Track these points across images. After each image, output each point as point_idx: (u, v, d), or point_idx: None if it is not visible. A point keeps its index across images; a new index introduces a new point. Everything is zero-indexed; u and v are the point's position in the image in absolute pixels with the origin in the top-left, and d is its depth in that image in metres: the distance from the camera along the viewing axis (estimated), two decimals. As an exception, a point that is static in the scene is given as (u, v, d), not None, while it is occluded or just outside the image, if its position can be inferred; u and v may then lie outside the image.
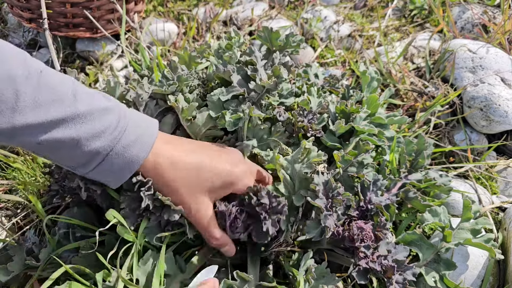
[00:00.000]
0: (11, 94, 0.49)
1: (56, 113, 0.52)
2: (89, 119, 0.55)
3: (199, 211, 0.64)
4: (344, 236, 0.67)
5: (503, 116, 0.97)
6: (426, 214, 0.76)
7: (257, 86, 0.72)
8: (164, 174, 0.61)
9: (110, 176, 0.59)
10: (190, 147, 0.66)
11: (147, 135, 0.60)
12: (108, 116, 0.57)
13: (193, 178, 0.62)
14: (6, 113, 0.49)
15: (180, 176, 0.62)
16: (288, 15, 1.47)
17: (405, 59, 1.28)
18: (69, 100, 0.54)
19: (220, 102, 0.73)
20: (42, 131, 0.52)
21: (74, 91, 0.55)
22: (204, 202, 0.64)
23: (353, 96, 0.88)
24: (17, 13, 1.16)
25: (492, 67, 1.05)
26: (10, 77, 0.48)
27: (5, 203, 0.88)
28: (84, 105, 0.55)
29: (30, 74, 0.51)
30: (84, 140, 0.54)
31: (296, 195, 0.65)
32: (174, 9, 1.46)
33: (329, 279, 0.64)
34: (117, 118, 0.58)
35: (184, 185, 0.62)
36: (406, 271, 0.66)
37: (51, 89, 0.53)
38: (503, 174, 0.98)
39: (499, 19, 1.28)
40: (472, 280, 0.73)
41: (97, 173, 0.58)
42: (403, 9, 1.51)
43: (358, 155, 0.74)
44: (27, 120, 0.50)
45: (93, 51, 1.21)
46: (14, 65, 0.49)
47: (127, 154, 0.58)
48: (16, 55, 0.51)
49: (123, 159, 0.58)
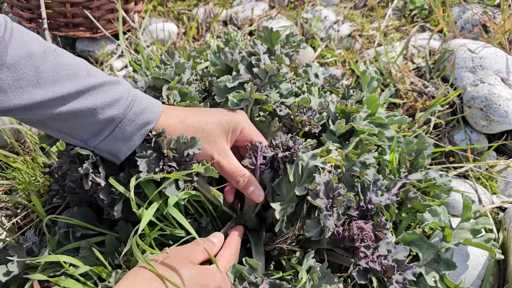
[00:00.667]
0: (32, 71, 0.54)
1: (74, 86, 0.57)
2: (104, 89, 0.61)
3: (220, 154, 0.67)
4: (344, 236, 0.67)
5: (503, 116, 0.97)
6: (426, 214, 0.76)
7: (260, 71, 0.75)
8: (176, 131, 0.66)
9: (121, 144, 0.63)
10: (194, 111, 0.71)
11: (154, 104, 0.66)
12: (119, 87, 0.63)
13: (204, 126, 0.67)
14: (28, 89, 0.54)
15: (191, 129, 0.66)
16: (288, 15, 1.47)
17: (405, 59, 1.28)
18: (84, 75, 0.59)
19: (226, 88, 0.78)
20: (61, 103, 0.57)
21: (87, 67, 0.61)
22: (221, 144, 0.68)
23: (353, 96, 0.88)
24: (17, 13, 1.16)
25: (492, 67, 1.05)
26: (29, 55, 0.53)
27: (5, 203, 0.87)
28: (98, 78, 0.61)
29: (46, 52, 0.56)
30: (100, 109, 0.59)
31: (300, 186, 0.65)
32: (174, 9, 1.45)
33: (330, 279, 0.64)
34: (127, 90, 0.64)
35: (198, 132, 0.67)
36: (406, 270, 0.66)
37: (67, 66, 0.58)
38: (503, 174, 0.98)
39: (499, 19, 1.28)
40: (472, 280, 0.73)
41: (109, 142, 0.63)
42: (403, 9, 1.51)
43: (361, 155, 0.75)
44: (47, 95, 0.55)
45: (93, 51, 1.21)
46: (31, 44, 0.54)
47: (138, 120, 0.63)
48: (30, 35, 0.56)
49: (135, 125, 0.63)
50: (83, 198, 0.74)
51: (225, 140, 0.69)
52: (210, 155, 0.67)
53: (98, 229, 0.72)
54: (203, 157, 0.67)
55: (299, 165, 0.66)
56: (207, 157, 0.67)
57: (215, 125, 0.68)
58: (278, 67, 0.74)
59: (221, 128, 0.68)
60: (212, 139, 0.67)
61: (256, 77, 0.76)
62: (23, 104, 0.54)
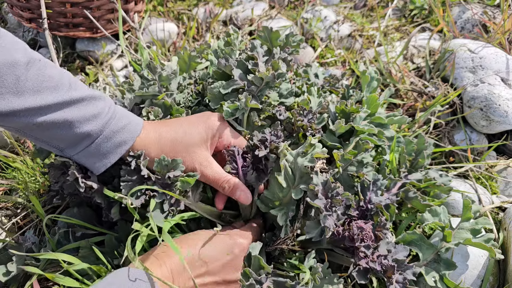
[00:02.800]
0: (13, 79, 0.54)
1: (54, 98, 0.57)
2: (83, 104, 0.61)
3: (202, 163, 0.67)
4: (344, 236, 0.67)
5: (503, 116, 0.97)
6: (426, 214, 0.76)
7: (255, 78, 0.73)
8: (155, 148, 0.66)
9: (96, 159, 0.63)
10: (171, 123, 0.70)
11: (134, 123, 0.65)
12: (100, 103, 0.63)
13: (182, 139, 0.67)
14: (6, 97, 0.54)
15: (170, 143, 0.66)
16: (288, 15, 1.47)
17: (405, 59, 1.28)
18: (65, 88, 0.59)
19: (221, 95, 0.75)
20: (40, 114, 0.57)
21: (70, 81, 0.61)
22: (202, 153, 0.68)
23: (353, 96, 0.88)
24: (17, 13, 1.16)
25: (492, 67, 1.05)
26: (12, 63, 0.53)
27: (5, 203, 0.87)
28: (79, 92, 0.61)
29: (29, 62, 0.56)
30: (77, 123, 0.60)
31: (296, 189, 0.65)
32: (174, 9, 1.45)
33: (331, 279, 0.64)
34: (108, 106, 0.63)
35: (177, 145, 0.66)
36: (406, 270, 0.66)
37: (50, 77, 0.58)
38: (503, 174, 0.97)
39: (499, 19, 1.28)
40: (472, 280, 0.73)
41: (84, 156, 0.63)
42: (403, 9, 1.51)
43: (358, 154, 0.74)
44: (25, 104, 0.55)
45: (93, 51, 1.21)
46: (16, 52, 0.54)
47: (115, 138, 0.63)
48: (17, 44, 0.56)
49: (111, 143, 0.63)
50: (83, 198, 0.74)
51: (205, 148, 0.68)
52: (192, 167, 0.67)
53: (98, 229, 0.72)
54: (187, 169, 0.67)
55: (287, 168, 0.66)
56: (190, 169, 0.67)
57: (193, 135, 0.67)
58: (274, 74, 0.72)
59: (199, 137, 0.68)
60: (192, 150, 0.67)
61: (252, 83, 0.74)
62: (1, 112, 0.54)
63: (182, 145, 0.66)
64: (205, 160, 0.67)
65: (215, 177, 0.67)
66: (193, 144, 0.67)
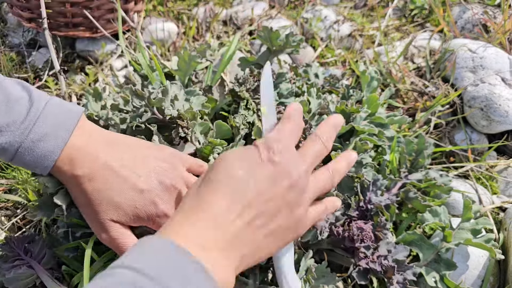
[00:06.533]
0: None
1: None
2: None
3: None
4: (344, 236, 0.67)
5: (503, 116, 0.97)
6: (427, 214, 0.76)
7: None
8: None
9: (31, 169, 0.55)
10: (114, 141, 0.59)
11: (61, 126, 0.54)
12: (17, 107, 0.52)
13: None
14: None
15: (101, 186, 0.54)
16: (288, 14, 1.47)
17: (405, 59, 1.28)
18: None
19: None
20: None
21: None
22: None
23: (353, 96, 0.88)
24: (16, 12, 1.16)
25: (493, 67, 1.05)
26: None
27: (5, 203, 0.87)
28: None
29: None
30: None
31: None
32: (174, 9, 1.45)
33: (329, 279, 0.64)
34: (26, 111, 0.52)
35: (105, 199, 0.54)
36: (406, 270, 0.65)
37: None
38: (504, 174, 0.97)
39: (499, 18, 1.27)
40: (472, 280, 0.73)
41: (17, 164, 0.54)
42: (403, 9, 1.51)
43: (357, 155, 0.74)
44: None
45: (93, 51, 1.21)
46: None
47: (38, 149, 0.52)
48: None
49: (35, 156, 0.52)
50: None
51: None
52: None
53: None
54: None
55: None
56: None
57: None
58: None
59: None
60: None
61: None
62: None
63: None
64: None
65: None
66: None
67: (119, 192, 0.54)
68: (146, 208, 0.54)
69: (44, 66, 1.20)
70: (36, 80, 1.15)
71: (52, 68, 1.17)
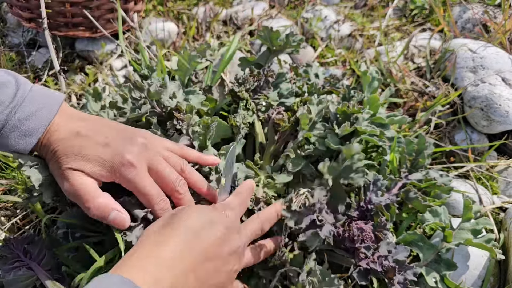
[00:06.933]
0: None
1: None
2: None
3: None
4: (344, 236, 0.66)
5: (503, 116, 0.97)
6: (427, 214, 0.76)
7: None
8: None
9: (13, 147, 0.59)
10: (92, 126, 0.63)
11: (47, 108, 0.60)
12: (4, 90, 0.57)
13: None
14: None
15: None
16: (288, 14, 1.46)
17: (405, 58, 1.28)
18: None
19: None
20: None
21: None
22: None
23: (354, 97, 0.88)
24: (16, 12, 1.16)
25: (493, 67, 1.05)
26: None
27: (5, 203, 0.87)
28: None
29: None
30: None
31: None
32: (174, 9, 1.45)
33: (331, 281, 0.63)
34: (13, 93, 0.58)
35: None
36: (407, 271, 0.65)
37: None
38: (504, 174, 0.97)
39: (499, 18, 1.27)
40: (472, 280, 0.73)
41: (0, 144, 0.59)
42: (403, 9, 1.51)
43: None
44: None
45: (92, 51, 1.21)
46: None
47: (23, 127, 0.58)
48: None
49: (19, 133, 0.58)
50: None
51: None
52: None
53: (98, 229, 0.72)
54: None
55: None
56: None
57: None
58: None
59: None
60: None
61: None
62: None
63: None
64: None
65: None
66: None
67: (84, 147, 0.58)
68: (111, 157, 0.58)
69: (44, 66, 1.19)
70: (36, 80, 1.15)
71: (52, 68, 1.17)
